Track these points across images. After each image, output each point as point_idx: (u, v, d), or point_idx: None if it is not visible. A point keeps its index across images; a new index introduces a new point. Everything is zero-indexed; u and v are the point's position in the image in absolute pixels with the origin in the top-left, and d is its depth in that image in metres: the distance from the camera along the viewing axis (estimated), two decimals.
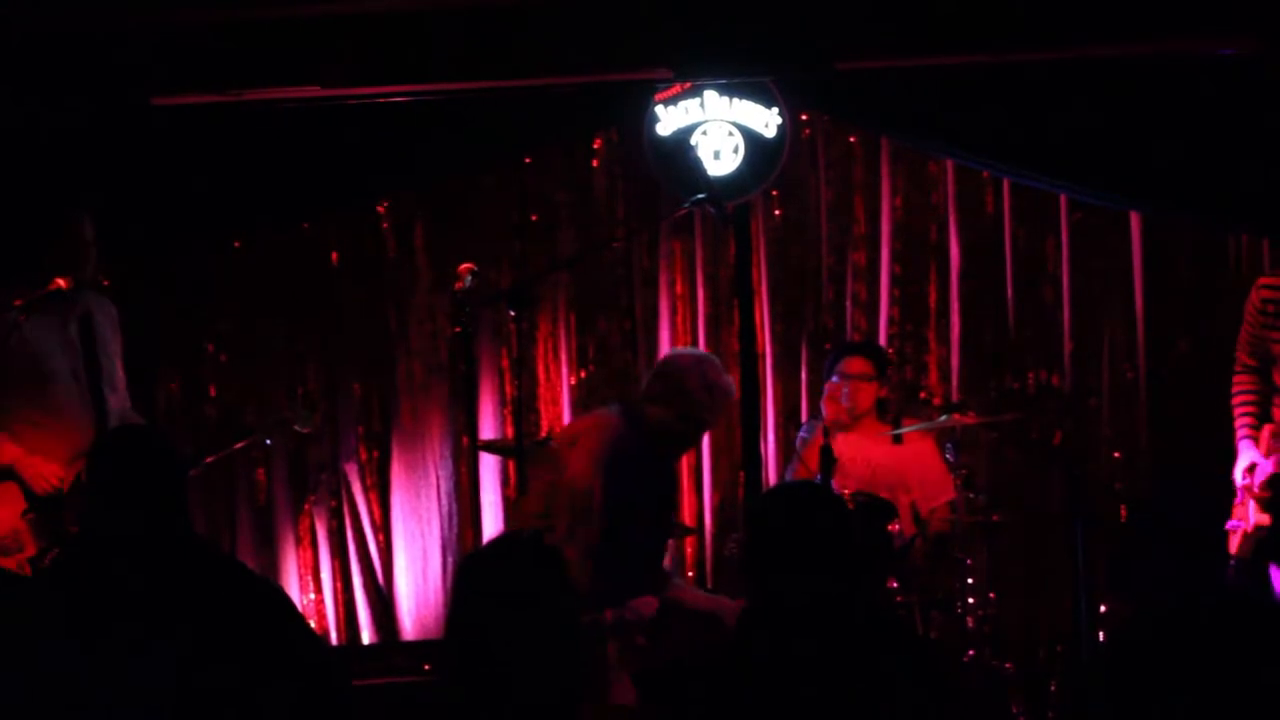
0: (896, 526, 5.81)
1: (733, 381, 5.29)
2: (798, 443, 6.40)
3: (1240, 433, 5.62)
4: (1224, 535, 5.57)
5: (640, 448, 5.08)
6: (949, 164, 6.75)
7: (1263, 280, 5.66)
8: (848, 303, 6.88)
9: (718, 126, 6.61)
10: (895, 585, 5.71)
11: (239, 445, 5.66)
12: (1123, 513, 6.61)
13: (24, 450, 5.17)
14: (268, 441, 5.68)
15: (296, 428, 5.61)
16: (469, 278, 4.93)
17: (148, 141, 6.33)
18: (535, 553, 2.97)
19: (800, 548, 3.25)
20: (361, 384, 6.94)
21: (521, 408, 5.48)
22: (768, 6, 6.17)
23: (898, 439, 6.05)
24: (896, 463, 6.06)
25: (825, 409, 6.22)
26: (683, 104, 6.61)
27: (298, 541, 6.91)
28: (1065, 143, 6.31)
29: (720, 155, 6.62)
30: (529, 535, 4.34)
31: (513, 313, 5.06)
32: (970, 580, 5.91)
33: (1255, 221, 6.42)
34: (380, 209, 6.90)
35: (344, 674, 3.82)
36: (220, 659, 3.33)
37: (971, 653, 5.82)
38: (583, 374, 6.90)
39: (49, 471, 5.15)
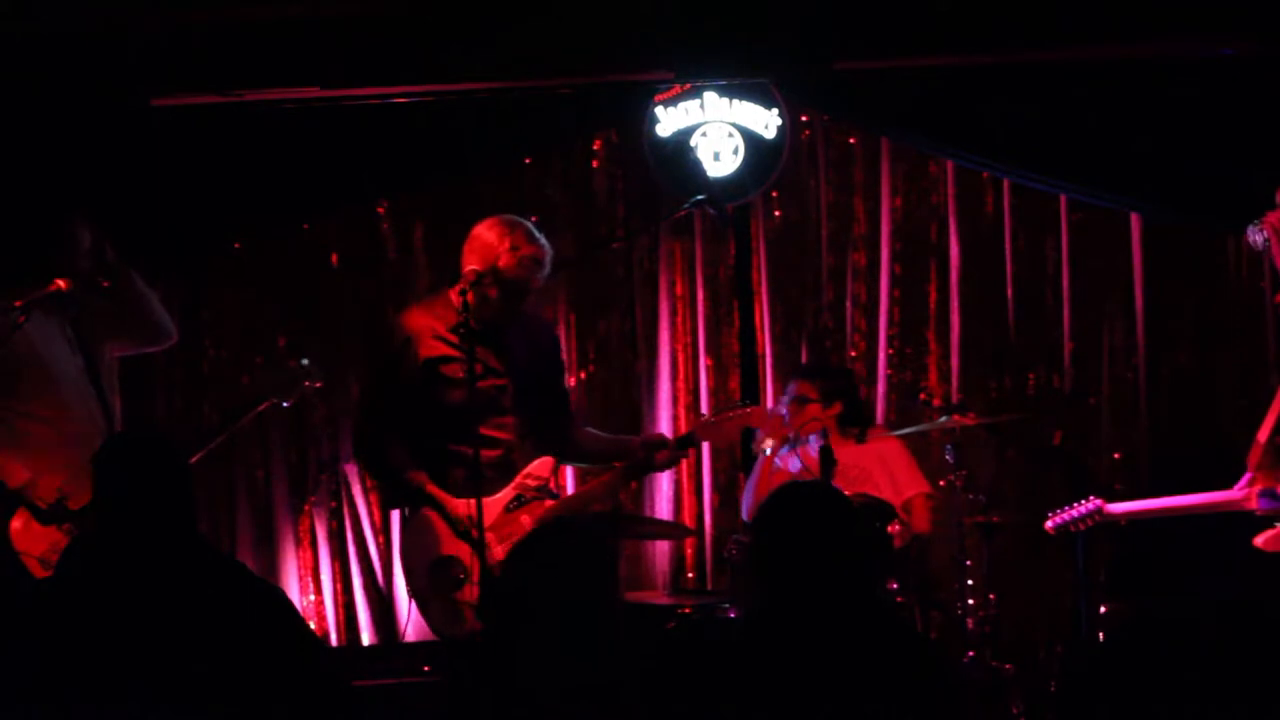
0: (896, 527, 5.82)
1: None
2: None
3: None
4: (1224, 535, 5.58)
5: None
6: (949, 164, 6.75)
7: None
8: (848, 303, 6.88)
9: (717, 128, 6.62)
10: (895, 585, 5.72)
11: (261, 408, 5.58)
12: None
13: (31, 468, 5.17)
14: (285, 404, 5.61)
15: (307, 383, 5.54)
16: (474, 279, 4.93)
17: (148, 142, 6.33)
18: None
19: (807, 549, 3.25)
20: (361, 384, 6.93)
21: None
22: (767, 7, 6.17)
23: (861, 438, 6.08)
24: (861, 460, 6.07)
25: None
26: (682, 105, 6.62)
27: (298, 542, 6.91)
28: (1065, 143, 6.32)
29: (720, 156, 6.63)
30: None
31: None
32: (970, 580, 5.92)
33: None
34: (380, 209, 6.91)
35: (344, 676, 3.82)
36: (222, 661, 3.34)
37: (971, 653, 5.83)
38: (583, 374, 6.90)
39: (46, 485, 5.15)
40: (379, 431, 5.16)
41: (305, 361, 5.47)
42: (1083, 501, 5.52)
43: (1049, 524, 5.59)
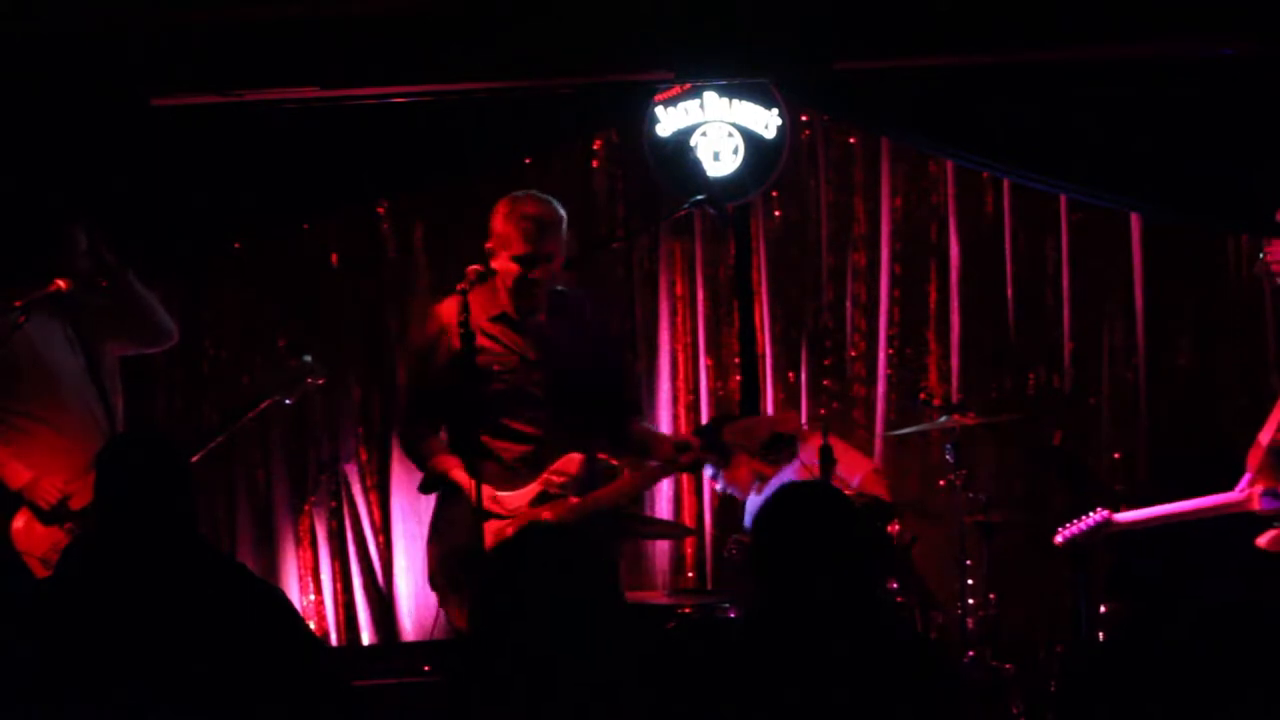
0: (897, 526, 5.82)
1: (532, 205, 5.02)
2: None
3: None
4: (1222, 535, 5.58)
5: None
6: (949, 164, 6.75)
7: None
8: (848, 303, 6.88)
9: (717, 127, 6.62)
10: (895, 585, 5.72)
11: (263, 406, 5.57)
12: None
13: (32, 468, 5.18)
14: (287, 401, 5.61)
15: (309, 380, 5.54)
16: (474, 279, 4.92)
17: (147, 142, 6.33)
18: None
19: (807, 549, 3.25)
20: (361, 384, 6.94)
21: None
22: (767, 7, 6.17)
23: (793, 452, 6.10)
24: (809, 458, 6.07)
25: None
26: (682, 105, 6.62)
27: (298, 542, 6.91)
28: (1065, 143, 6.31)
29: (720, 156, 6.63)
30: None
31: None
32: (970, 580, 5.92)
33: (1255, 222, 6.42)
34: (380, 209, 6.91)
35: (344, 676, 3.82)
36: (222, 661, 3.34)
37: (971, 653, 5.83)
38: None
39: (49, 485, 5.16)
40: (417, 419, 5.14)
41: (308, 358, 5.47)
42: (1091, 514, 5.52)
43: (1059, 538, 5.59)
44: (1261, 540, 5.36)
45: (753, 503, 6.23)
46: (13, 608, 3.53)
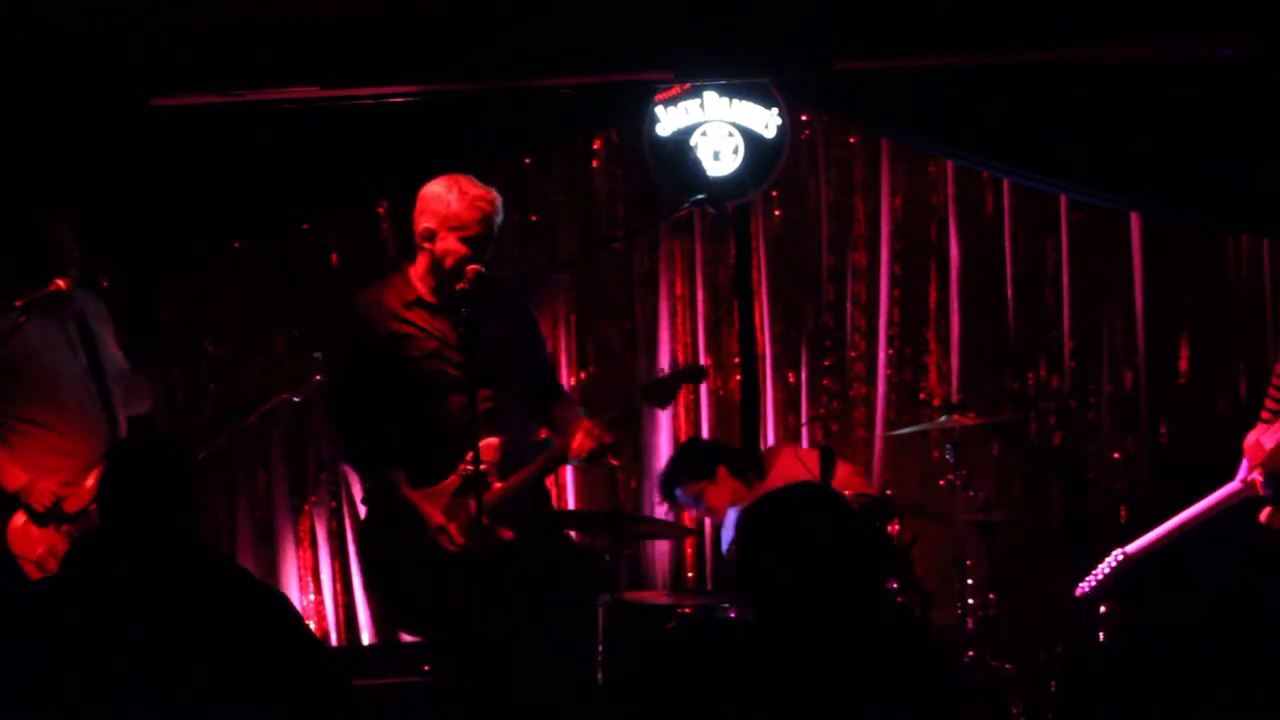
0: (897, 526, 5.82)
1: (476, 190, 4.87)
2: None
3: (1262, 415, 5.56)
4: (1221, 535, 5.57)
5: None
6: (949, 164, 6.75)
7: None
8: (848, 303, 6.88)
9: (717, 127, 6.62)
10: (895, 585, 5.72)
11: (268, 406, 5.54)
12: (1123, 513, 6.61)
13: (28, 471, 5.18)
14: (295, 399, 5.57)
15: (319, 377, 5.51)
16: (473, 279, 4.88)
17: (148, 142, 6.33)
18: None
19: (807, 549, 3.24)
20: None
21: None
22: (767, 7, 6.17)
23: (761, 474, 6.16)
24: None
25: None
26: (683, 104, 6.62)
27: (298, 542, 6.91)
28: (1065, 143, 6.32)
29: (720, 156, 6.63)
30: None
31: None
32: (970, 580, 5.92)
33: (1255, 222, 6.42)
34: (380, 209, 6.91)
35: (344, 678, 3.82)
36: (222, 663, 3.34)
37: (971, 653, 5.83)
38: (583, 375, 6.90)
39: (43, 488, 5.16)
40: (361, 428, 4.99)
41: (317, 355, 5.46)
42: (1106, 560, 5.50)
43: (1079, 591, 5.57)
44: (1264, 516, 5.32)
45: (731, 515, 6.21)
46: (10, 609, 3.53)
